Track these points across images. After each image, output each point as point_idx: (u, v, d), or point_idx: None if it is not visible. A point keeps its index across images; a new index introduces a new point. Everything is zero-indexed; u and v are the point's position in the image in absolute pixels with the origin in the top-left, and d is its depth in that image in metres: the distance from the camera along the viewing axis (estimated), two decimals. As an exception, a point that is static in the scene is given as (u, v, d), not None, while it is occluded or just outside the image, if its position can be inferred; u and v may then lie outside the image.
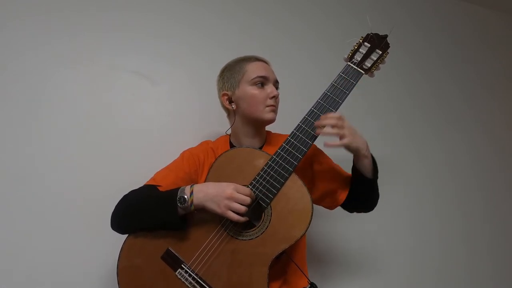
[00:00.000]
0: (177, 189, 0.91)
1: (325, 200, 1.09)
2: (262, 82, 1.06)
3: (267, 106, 1.05)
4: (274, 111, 1.07)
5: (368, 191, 1.04)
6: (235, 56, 1.14)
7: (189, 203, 0.88)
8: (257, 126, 1.09)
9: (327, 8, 1.74)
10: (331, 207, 1.11)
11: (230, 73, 1.10)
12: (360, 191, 1.04)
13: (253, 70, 1.06)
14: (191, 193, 0.89)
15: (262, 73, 1.06)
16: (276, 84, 1.10)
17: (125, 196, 0.98)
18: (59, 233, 1.22)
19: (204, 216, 0.92)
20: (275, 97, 1.06)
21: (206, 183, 0.92)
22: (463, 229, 1.78)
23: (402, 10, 1.90)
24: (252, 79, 1.05)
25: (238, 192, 0.87)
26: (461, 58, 1.98)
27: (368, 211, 1.11)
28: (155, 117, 1.39)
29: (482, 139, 1.93)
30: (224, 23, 1.54)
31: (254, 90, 1.05)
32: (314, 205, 1.05)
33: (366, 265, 1.57)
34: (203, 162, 1.06)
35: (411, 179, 1.74)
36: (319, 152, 1.14)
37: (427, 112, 1.85)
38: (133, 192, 0.99)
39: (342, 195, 1.06)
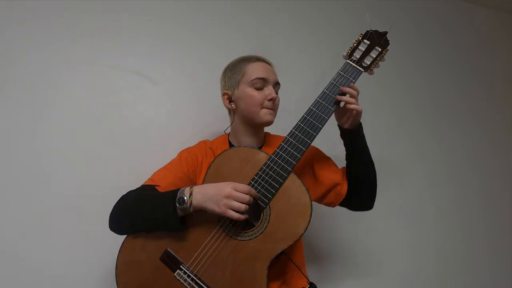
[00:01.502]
0: (177, 190, 0.90)
1: (329, 195, 1.08)
2: (261, 83, 1.05)
3: (265, 108, 1.04)
4: (272, 113, 1.06)
5: (368, 169, 1.04)
6: (234, 57, 1.14)
7: (188, 204, 0.87)
8: (256, 126, 1.08)
9: (326, 7, 1.73)
10: (334, 202, 1.09)
11: (231, 73, 1.09)
12: (360, 172, 1.04)
13: (253, 71, 1.05)
14: (191, 194, 0.88)
15: (261, 74, 1.04)
16: (276, 86, 1.08)
17: (123, 197, 0.98)
18: (58, 232, 1.23)
19: (203, 217, 0.91)
20: (273, 100, 1.05)
21: (205, 184, 0.91)
22: (462, 229, 1.77)
23: (401, 9, 1.89)
24: (251, 80, 1.04)
25: (237, 191, 0.86)
26: (460, 58, 1.97)
27: (369, 200, 1.08)
28: (154, 117, 1.39)
29: (481, 139, 1.92)
30: (223, 24, 1.54)
31: (252, 92, 1.04)
32: (315, 205, 1.05)
33: (365, 264, 1.57)
34: (201, 162, 1.06)
35: (409, 179, 1.73)
36: (316, 150, 1.14)
37: (426, 111, 1.84)
38: (131, 193, 0.98)
39: (344, 187, 1.05)
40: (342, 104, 0.96)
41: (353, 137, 1.01)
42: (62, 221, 1.23)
